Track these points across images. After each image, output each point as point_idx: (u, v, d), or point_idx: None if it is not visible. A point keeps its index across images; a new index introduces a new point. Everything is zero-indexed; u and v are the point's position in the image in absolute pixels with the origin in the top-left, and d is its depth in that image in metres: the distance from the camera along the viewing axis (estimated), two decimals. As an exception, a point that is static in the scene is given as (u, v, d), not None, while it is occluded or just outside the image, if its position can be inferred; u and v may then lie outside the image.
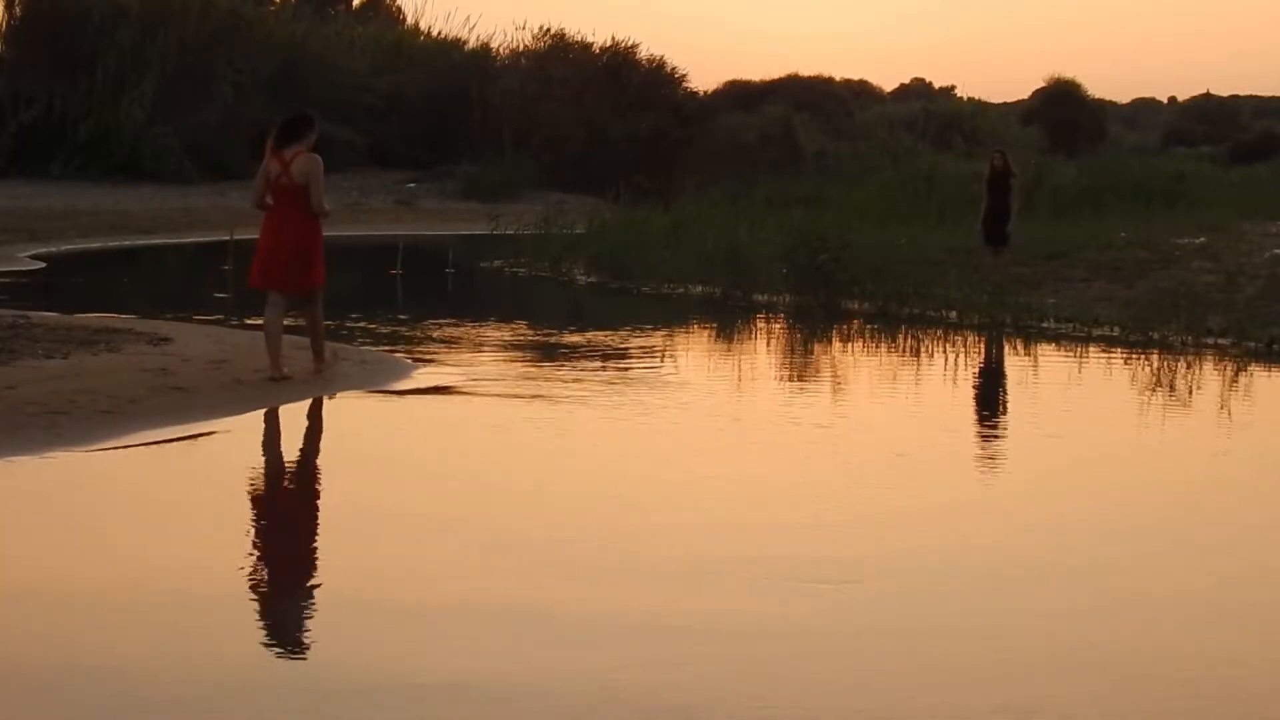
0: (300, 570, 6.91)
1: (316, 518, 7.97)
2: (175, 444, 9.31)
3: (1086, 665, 5.61)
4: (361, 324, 16.51)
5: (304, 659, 5.58)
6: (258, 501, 8.30)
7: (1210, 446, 10.35)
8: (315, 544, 7.40)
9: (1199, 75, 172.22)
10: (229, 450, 9.42)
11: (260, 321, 12.25)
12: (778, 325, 17.93)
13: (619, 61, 53.80)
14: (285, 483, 8.92)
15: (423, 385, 12.09)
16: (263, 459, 9.44)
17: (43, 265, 24.77)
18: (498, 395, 11.69)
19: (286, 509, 8.30)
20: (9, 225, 30.29)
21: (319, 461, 9.49)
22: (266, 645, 5.76)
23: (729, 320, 18.24)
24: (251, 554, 7.07)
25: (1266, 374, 13.88)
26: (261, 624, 6.02)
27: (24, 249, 27.24)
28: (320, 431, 10.47)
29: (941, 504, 8.26)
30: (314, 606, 6.24)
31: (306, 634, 5.87)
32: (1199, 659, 5.75)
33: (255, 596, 6.40)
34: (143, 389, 10.63)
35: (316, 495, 8.56)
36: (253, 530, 7.60)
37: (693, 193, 36.65)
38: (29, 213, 33.37)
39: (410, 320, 17.52)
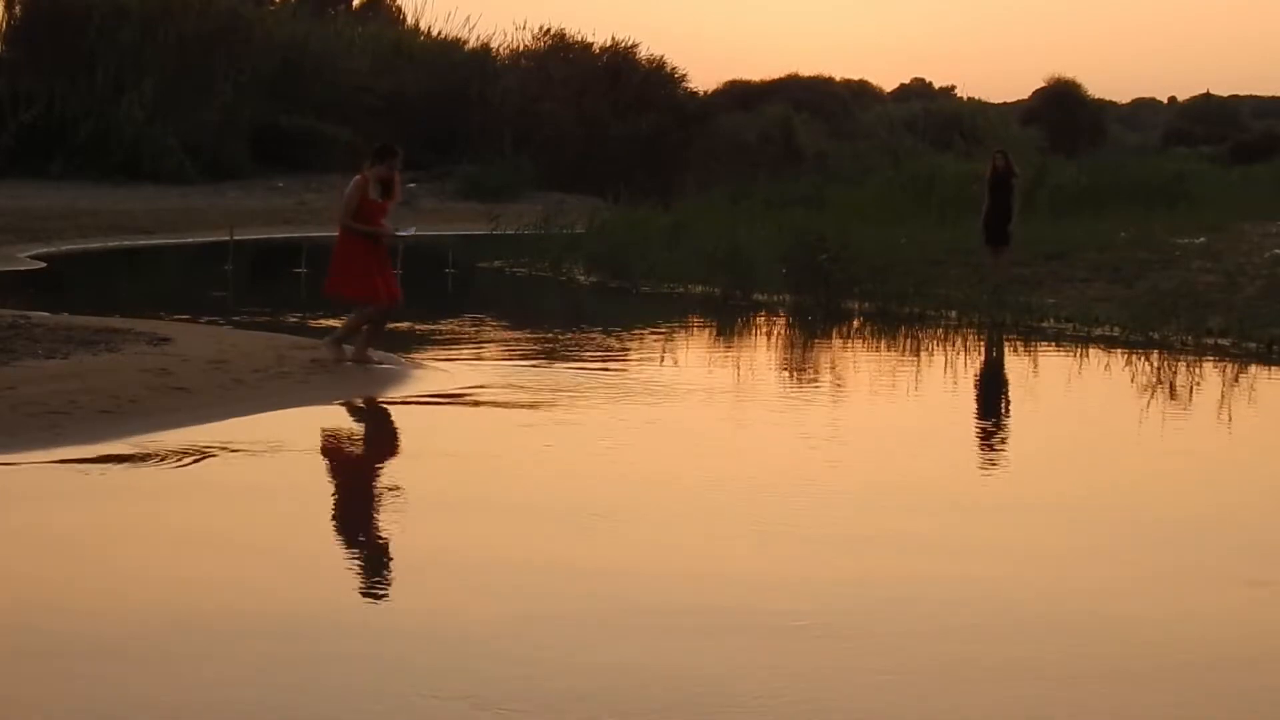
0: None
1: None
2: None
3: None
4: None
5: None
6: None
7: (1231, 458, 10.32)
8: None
9: (1199, 75, 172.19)
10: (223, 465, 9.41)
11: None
12: (779, 325, 17.91)
13: (619, 61, 53.76)
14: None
15: (422, 386, 12.09)
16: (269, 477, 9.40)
17: (43, 265, 24.73)
18: (500, 398, 11.69)
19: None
20: (9, 225, 30.22)
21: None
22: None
23: (730, 320, 18.22)
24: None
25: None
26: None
27: (24, 249, 27.21)
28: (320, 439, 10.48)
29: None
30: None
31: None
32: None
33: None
34: (143, 389, 10.63)
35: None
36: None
37: (693, 193, 36.57)
38: (29, 213, 33.29)
39: (410, 320, 17.48)
